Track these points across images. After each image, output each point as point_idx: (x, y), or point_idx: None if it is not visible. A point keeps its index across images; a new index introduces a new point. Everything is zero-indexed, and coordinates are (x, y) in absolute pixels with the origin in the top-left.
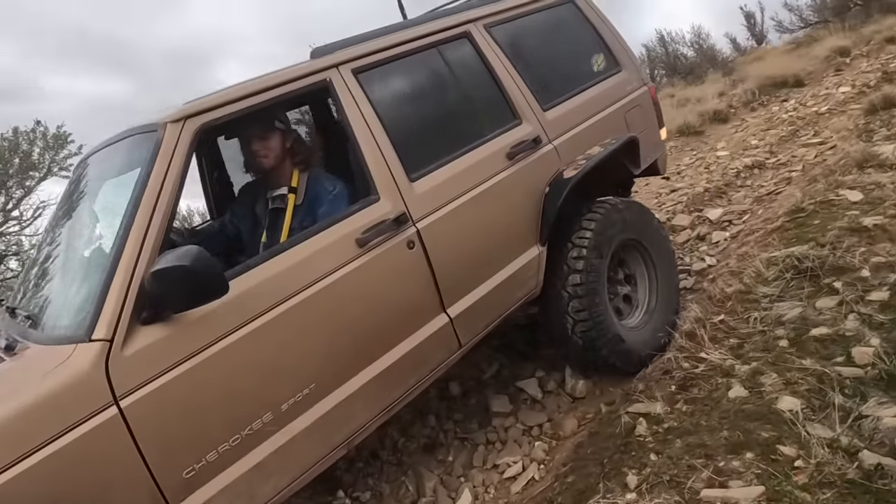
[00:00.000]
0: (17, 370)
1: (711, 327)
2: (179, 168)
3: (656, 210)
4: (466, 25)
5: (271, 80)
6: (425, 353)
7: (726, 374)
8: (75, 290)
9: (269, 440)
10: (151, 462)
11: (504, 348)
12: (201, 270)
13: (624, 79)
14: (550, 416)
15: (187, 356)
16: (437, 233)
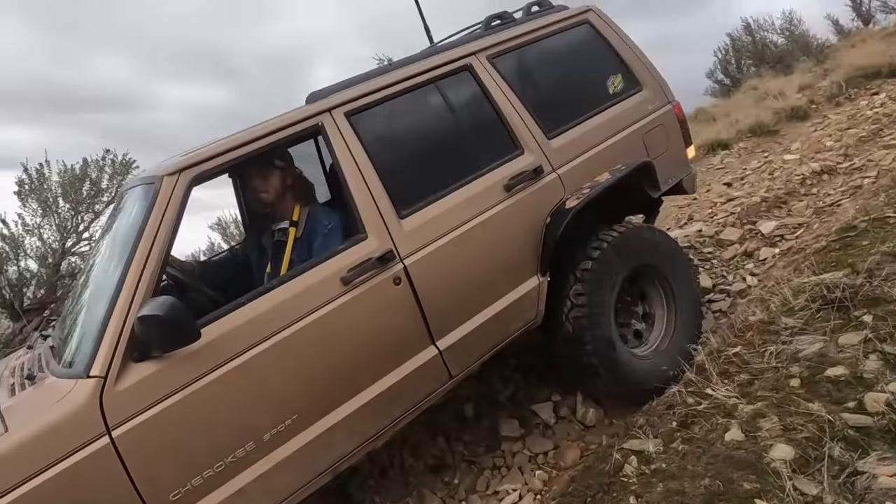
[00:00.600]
0: (30, 400)
1: (725, 360)
2: (173, 218)
3: (707, 222)
4: (468, 58)
5: (264, 129)
6: (412, 384)
7: (728, 413)
8: (84, 327)
9: (251, 467)
10: (140, 486)
11: (523, 369)
12: (172, 320)
13: (644, 98)
14: (557, 444)
15: (174, 390)
16: (425, 268)
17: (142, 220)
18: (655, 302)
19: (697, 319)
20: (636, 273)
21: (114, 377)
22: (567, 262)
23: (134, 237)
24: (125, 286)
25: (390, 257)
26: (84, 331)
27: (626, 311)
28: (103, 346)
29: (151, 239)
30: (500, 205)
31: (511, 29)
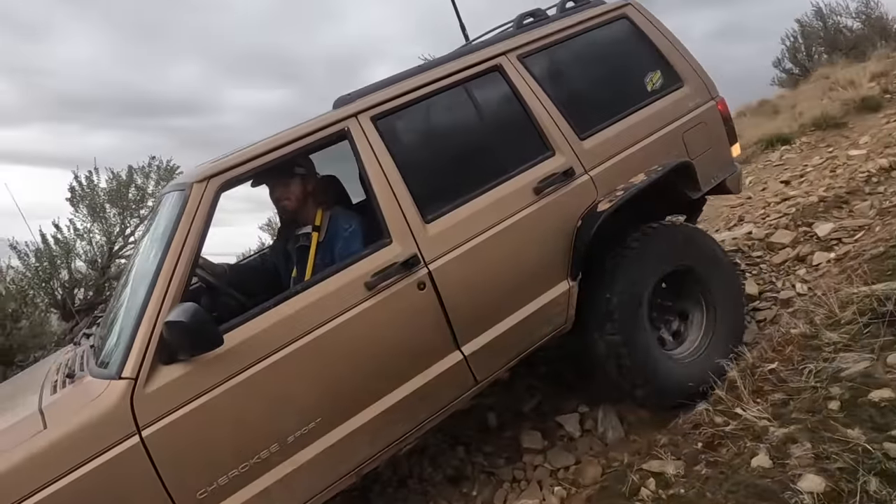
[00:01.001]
0: (68, 398)
1: (760, 377)
2: (202, 224)
3: (758, 224)
4: (498, 59)
5: (291, 135)
6: (437, 389)
7: (757, 436)
8: (119, 329)
9: (275, 469)
10: (168, 484)
11: (550, 377)
12: (195, 326)
13: (684, 95)
14: (579, 459)
15: (201, 392)
16: (450, 273)
17: (172, 226)
18: (693, 305)
19: (739, 326)
20: (674, 274)
21: (144, 379)
22: (601, 263)
23: (165, 243)
24: (155, 291)
25: (415, 262)
26: (119, 333)
27: (663, 314)
28: (134, 349)
29: (181, 245)
30: (528, 208)
31: (544, 27)
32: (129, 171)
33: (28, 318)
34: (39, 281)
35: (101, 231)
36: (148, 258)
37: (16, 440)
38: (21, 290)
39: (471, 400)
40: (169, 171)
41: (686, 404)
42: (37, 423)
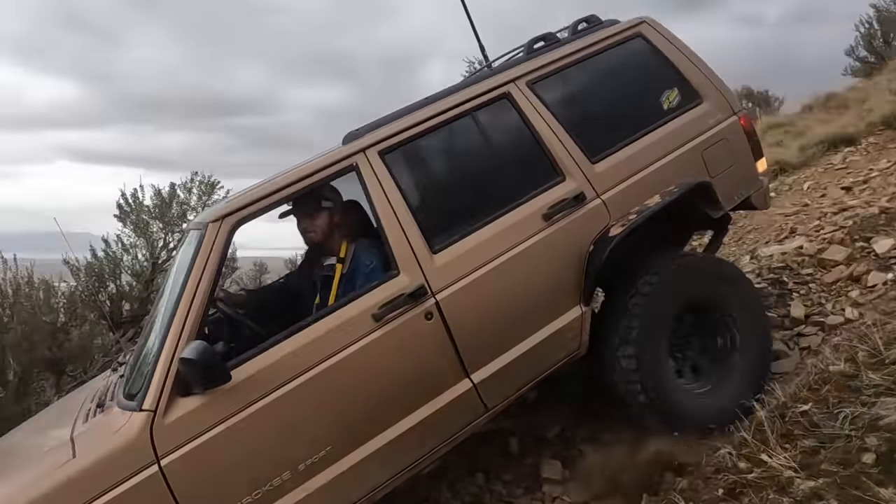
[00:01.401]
0: (95, 429)
1: (791, 419)
2: (216, 262)
3: (810, 237)
4: (506, 86)
5: (302, 172)
6: (446, 417)
7: (781, 488)
8: (142, 363)
9: (288, 495)
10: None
11: (575, 402)
12: (203, 364)
13: (704, 112)
14: (599, 495)
15: (215, 423)
16: (458, 302)
17: (189, 265)
18: (714, 338)
19: (765, 359)
20: (695, 305)
21: (162, 411)
22: (617, 289)
23: (183, 281)
24: (172, 328)
25: (422, 293)
26: (141, 366)
27: (684, 345)
28: (154, 383)
29: (196, 283)
30: (537, 234)
31: (554, 51)
32: (171, 187)
33: (77, 330)
34: (89, 295)
35: (146, 245)
36: (170, 294)
37: (49, 468)
38: (71, 305)
39: (493, 424)
40: (210, 186)
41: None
42: (67, 451)
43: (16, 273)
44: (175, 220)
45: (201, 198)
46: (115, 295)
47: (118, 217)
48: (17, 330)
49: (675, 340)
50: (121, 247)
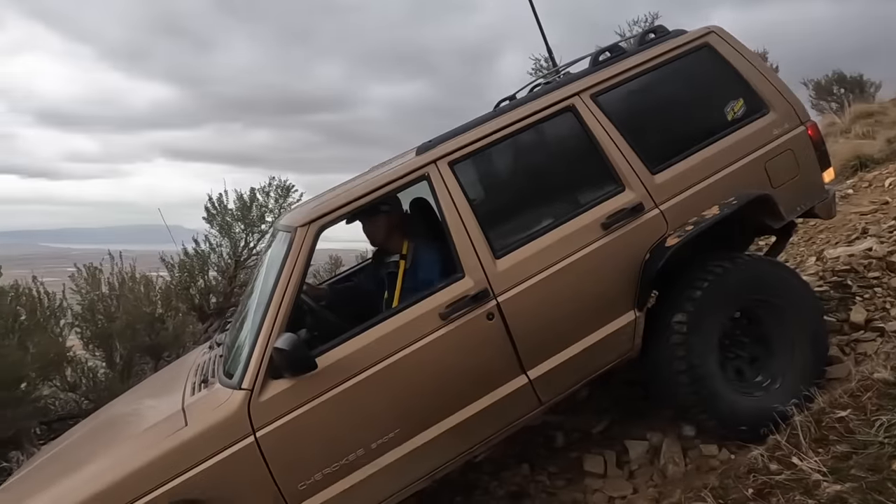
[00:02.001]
0: (203, 401)
1: (827, 425)
2: (304, 261)
3: (883, 238)
4: (570, 99)
5: (379, 181)
6: (503, 408)
7: (807, 490)
8: (240, 347)
9: (360, 469)
10: (276, 476)
11: (624, 401)
12: (293, 354)
13: (769, 123)
14: (637, 489)
15: (301, 403)
16: (518, 304)
17: (280, 263)
18: (770, 339)
19: (818, 364)
20: (748, 307)
21: (258, 391)
22: (672, 290)
23: (275, 278)
24: (266, 319)
25: (484, 295)
26: (240, 350)
27: (737, 346)
28: (251, 366)
29: (287, 280)
30: (595, 243)
31: (619, 63)
32: (251, 192)
33: (172, 320)
34: (181, 289)
35: (229, 244)
36: (263, 287)
37: (166, 432)
38: (167, 297)
39: (541, 418)
40: (285, 190)
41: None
42: (180, 420)
43: (121, 268)
44: (255, 221)
45: (278, 200)
46: (204, 289)
47: (206, 219)
48: (123, 319)
49: (727, 341)
50: (208, 246)
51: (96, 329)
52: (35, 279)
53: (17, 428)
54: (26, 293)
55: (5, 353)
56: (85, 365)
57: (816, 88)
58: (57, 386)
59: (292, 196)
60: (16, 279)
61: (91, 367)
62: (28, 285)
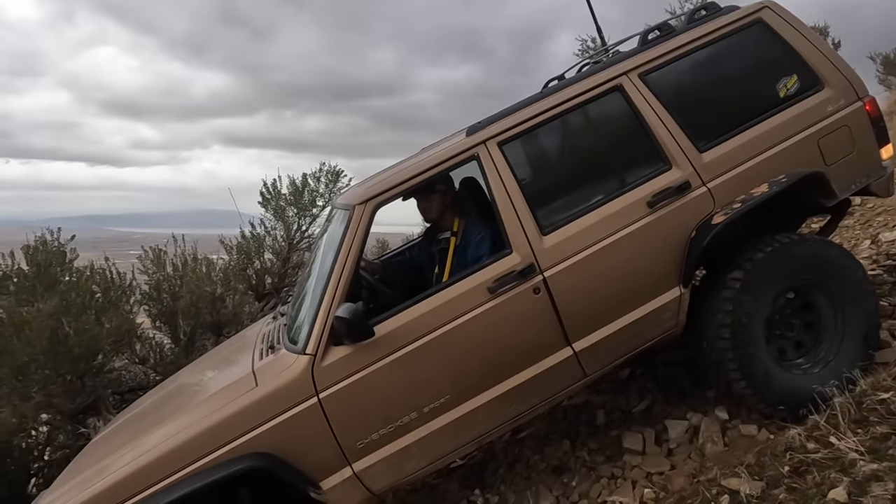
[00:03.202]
0: (271, 365)
1: (868, 406)
2: (362, 237)
3: None
4: (619, 79)
5: (431, 161)
6: (548, 379)
7: (843, 469)
8: (303, 316)
9: (413, 431)
10: (337, 433)
11: (665, 382)
12: (353, 322)
13: (823, 99)
14: (674, 465)
15: (360, 368)
16: (563, 280)
17: (340, 239)
18: (819, 319)
19: (868, 346)
20: (796, 286)
21: (321, 356)
22: (719, 268)
23: (335, 252)
24: (328, 290)
25: (531, 270)
26: (303, 319)
27: (785, 325)
28: (314, 333)
29: (346, 255)
30: (641, 220)
31: (668, 42)
32: (303, 177)
33: (231, 299)
34: (239, 270)
35: (283, 228)
36: (323, 262)
37: (239, 392)
38: (226, 278)
39: (583, 397)
40: (335, 175)
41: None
42: (252, 381)
43: (184, 250)
44: (307, 206)
45: (328, 185)
46: (260, 270)
47: (261, 203)
48: (186, 298)
49: (775, 319)
50: (263, 229)
51: (162, 307)
52: (107, 260)
53: (96, 396)
54: (100, 273)
55: (84, 327)
56: (152, 340)
57: (885, 63)
58: (128, 359)
59: (341, 181)
60: (91, 261)
61: (158, 342)
62: (101, 266)
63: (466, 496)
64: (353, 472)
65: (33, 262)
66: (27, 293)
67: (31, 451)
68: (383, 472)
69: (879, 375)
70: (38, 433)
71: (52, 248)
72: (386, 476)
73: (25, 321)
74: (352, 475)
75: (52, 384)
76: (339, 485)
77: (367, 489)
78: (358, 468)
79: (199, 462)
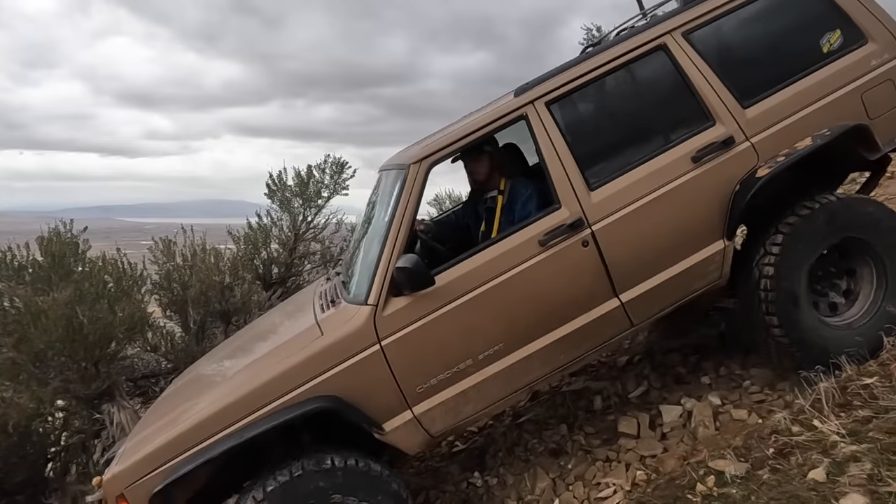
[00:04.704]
0: (334, 316)
1: (852, 391)
2: (418, 194)
3: None
4: (662, 38)
5: (482, 121)
6: (597, 328)
7: (825, 450)
8: (362, 271)
9: (470, 377)
10: (398, 378)
11: (662, 368)
12: (415, 271)
13: (868, 53)
14: (667, 448)
15: (418, 318)
16: (611, 233)
17: (396, 196)
18: (863, 276)
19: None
20: (838, 244)
21: (382, 306)
22: (762, 225)
23: (391, 209)
24: (387, 245)
25: (579, 224)
26: (363, 273)
27: (826, 279)
28: (375, 285)
29: (402, 212)
30: (686, 175)
31: (711, 0)
32: (308, 169)
33: (239, 288)
34: (247, 260)
35: (289, 219)
36: (378, 220)
37: (306, 341)
38: (234, 267)
39: (582, 382)
40: (340, 167)
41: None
42: (317, 331)
43: (192, 240)
44: (312, 196)
45: (333, 177)
46: (267, 260)
47: (267, 195)
48: (196, 287)
49: (817, 274)
50: (270, 220)
51: (172, 296)
52: (119, 250)
53: (111, 382)
54: (112, 263)
55: (98, 315)
56: (164, 329)
57: None
58: (140, 347)
59: (346, 172)
60: (102, 251)
61: (169, 330)
62: (113, 256)
63: (466, 478)
64: (413, 415)
65: (48, 252)
66: (43, 283)
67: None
68: (442, 415)
69: (849, 365)
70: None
71: (66, 240)
72: (444, 419)
73: (42, 310)
74: (412, 418)
75: (68, 370)
76: (400, 427)
77: (426, 431)
78: (418, 411)
79: (274, 403)
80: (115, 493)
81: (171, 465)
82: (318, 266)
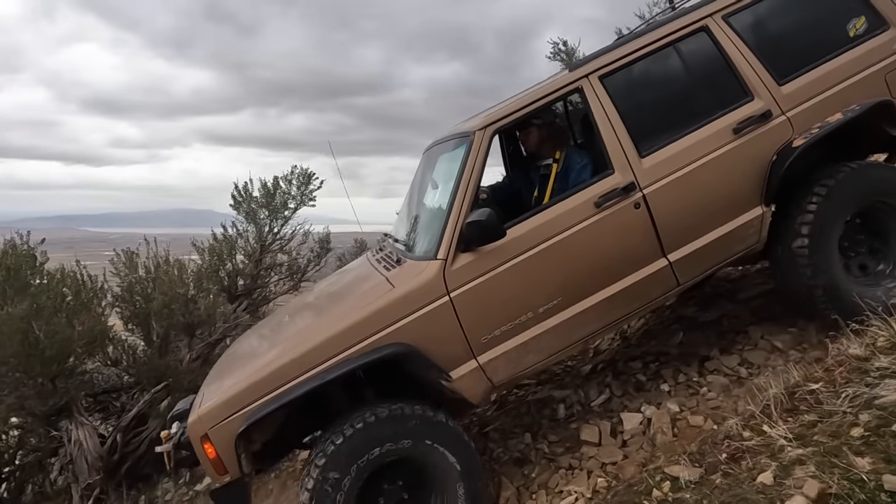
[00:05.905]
0: (403, 271)
1: (799, 396)
2: (483, 159)
3: None
4: (704, 20)
5: (542, 92)
6: (646, 286)
7: (773, 454)
8: (429, 229)
9: (530, 329)
10: (465, 329)
11: (623, 376)
12: (488, 224)
13: (890, 38)
14: (627, 455)
15: (484, 272)
16: (660, 196)
17: (463, 160)
18: (889, 238)
19: None
20: (868, 209)
21: (450, 260)
22: (796, 194)
23: (458, 171)
24: (455, 203)
25: (632, 188)
26: (429, 232)
27: (856, 241)
28: (444, 240)
29: (470, 174)
30: (728, 145)
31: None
32: (274, 180)
33: (204, 300)
34: (211, 272)
35: (255, 230)
36: (443, 184)
37: (379, 293)
38: (199, 279)
39: (545, 392)
40: (307, 178)
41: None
42: (387, 285)
43: (156, 252)
44: (278, 207)
45: (300, 188)
46: (232, 272)
47: (232, 206)
48: (159, 299)
49: (848, 235)
50: (236, 231)
51: (135, 309)
52: (79, 262)
53: (69, 398)
54: (71, 276)
55: (55, 329)
56: (125, 342)
57: None
58: (100, 361)
59: (313, 183)
60: (62, 263)
61: (131, 344)
62: (72, 268)
63: None
64: (478, 363)
65: (2, 265)
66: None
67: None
68: (504, 364)
69: (811, 367)
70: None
71: (22, 252)
72: (506, 368)
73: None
74: (477, 367)
75: (23, 386)
76: (466, 375)
77: (489, 380)
78: (482, 360)
79: (351, 349)
80: (200, 434)
81: (253, 408)
82: (284, 277)
